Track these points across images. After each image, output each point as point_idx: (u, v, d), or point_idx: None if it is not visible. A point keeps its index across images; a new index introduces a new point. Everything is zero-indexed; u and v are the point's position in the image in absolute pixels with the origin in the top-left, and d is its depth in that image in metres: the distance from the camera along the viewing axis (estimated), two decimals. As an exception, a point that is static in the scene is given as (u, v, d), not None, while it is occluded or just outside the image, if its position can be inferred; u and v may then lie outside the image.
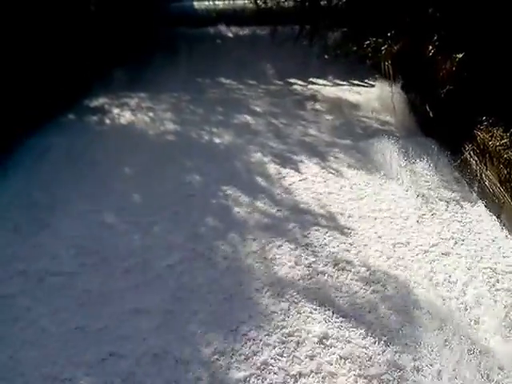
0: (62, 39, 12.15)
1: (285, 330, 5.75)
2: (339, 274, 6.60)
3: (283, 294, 6.28)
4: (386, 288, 6.33)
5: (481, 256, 6.85)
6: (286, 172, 9.22)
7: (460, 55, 8.70)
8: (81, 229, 7.64)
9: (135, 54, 15.13)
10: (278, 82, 13.87)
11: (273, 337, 5.67)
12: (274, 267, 6.74)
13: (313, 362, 5.38)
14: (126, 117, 12.04)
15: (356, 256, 6.92)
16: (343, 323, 5.82)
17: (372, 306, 6.06)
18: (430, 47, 9.26)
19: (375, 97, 11.95)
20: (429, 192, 8.37)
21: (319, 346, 5.55)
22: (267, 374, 5.28)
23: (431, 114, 9.67)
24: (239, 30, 15.97)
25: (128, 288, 6.43)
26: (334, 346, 5.54)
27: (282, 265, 6.79)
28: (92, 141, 10.52)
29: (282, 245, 7.15)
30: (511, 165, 7.14)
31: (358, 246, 7.13)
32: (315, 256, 6.92)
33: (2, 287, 6.55)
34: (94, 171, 9.24)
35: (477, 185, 8.21)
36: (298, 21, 12.70)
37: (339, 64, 12.20)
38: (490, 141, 7.77)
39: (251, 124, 11.33)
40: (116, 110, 12.37)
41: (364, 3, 10.58)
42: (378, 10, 10.02)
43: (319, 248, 7.09)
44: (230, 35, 15.96)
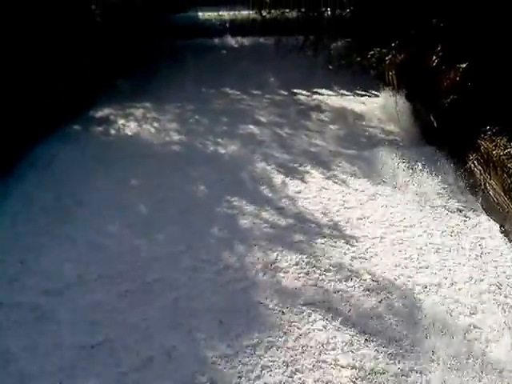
0: (67, 50, 12.25)
1: (289, 338, 5.77)
2: (344, 283, 6.60)
3: (288, 303, 6.28)
4: (391, 297, 6.32)
5: (485, 267, 6.85)
6: (290, 181, 9.24)
7: (463, 65, 8.76)
8: (85, 238, 7.65)
9: (140, 64, 15.27)
10: (283, 92, 13.94)
11: (276, 346, 5.68)
12: (278, 276, 6.75)
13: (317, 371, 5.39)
14: (131, 127, 12.10)
15: (361, 265, 6.92)
16: (348, 331, 5.83)
17: (377, 314, 6.06)
18: (434, 57, 9.32)
19: (379, 106, 12.03)
20: (433, 201, 8.38)
21: (323, 354, 5.55)
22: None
23: (435, 124, 9.72)
24: (244, 40, 16.10)
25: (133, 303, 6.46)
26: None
27: (286, 274, 6.80)
28: (97, 151, 10.57)
29: (287, 254, 7.16)
30: (515, 174, 7.15)
31: (362, 255, 7.14)
32: (320, 265, 6.92)
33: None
34: (99, 182, 9.25)
35: (481, 194, 8.22)
36: (303, 31, 12.79)
37: (343, 74, 12.22)
38: (494, 150, 7.80)
39: (256, 134, 11.37)
40: (121, 121, 12.43)
41: (368, 14, 10.65)
42: (381, 20, 10.10)
43: (324, 257, 7.09)
44: (235, 45, 16.09)
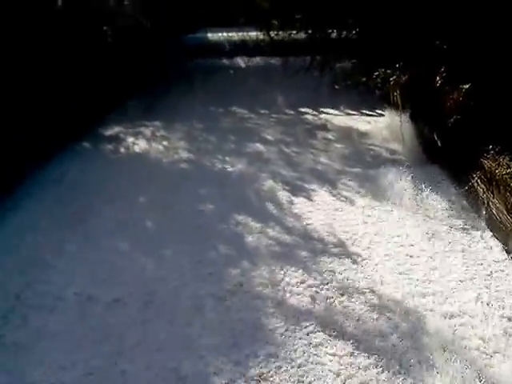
0: (79, 68, 12.53)
1: (294, 355, 5.83)
2: (348, 300, 6.67)
3: (293, 320, 6.36)
4: (394, 316, 6.36)
5: (488, 285, 6.88)
6: (296, 199, 9.38)
7: (466, 86, 8.89)
8: (94, 256, 7.79)
9: (150, 83, 15.56)
10: (290, 112, 14.16)
11: (282, 362, 5.75)
12: (283, 294, 6.84)
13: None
14: (141, 145, 12.34)
15: (365, 283, 6.99)
16: (352, 349, 5.87)
17: (380, 333, 6.10)
18: (438, 78, 9.46)
19: (384, 126, 12.17)
20: (437, 219, 8.44)
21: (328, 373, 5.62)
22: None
23: (439, 143, 9.82)
24: (252, 60, 16.37)
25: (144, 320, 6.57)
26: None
27: (291, 291, 6.88)
28: (106, 169, 10.81)
29: (293, 272, 7.25)
30: (518, 193, 7.23)
31: (367, 273, 7.21)
32: (325, 283, 7.01)
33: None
34: (107, 199, 9.43)
35: (484, 212, 8.26)
36: (309, 52, 13.00)
37: (349, 94, 12.41)
38: (497, 169, 7.88)
39: (263, 152, 11.55)
40: (131, 139, 12.68)
41: (373, 36, 10.85)
42: (386, 42, 10.29)
43: (329, 275, 7.18)
44: (243, 65, 16.37)
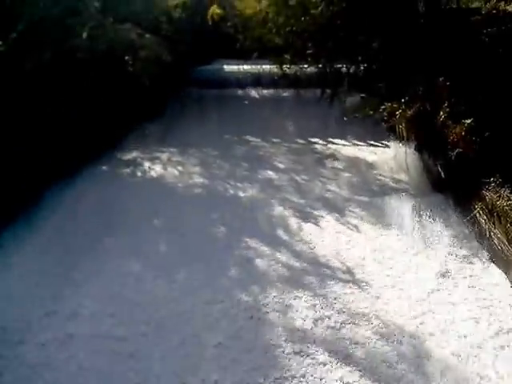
0: (97, 95, 12.83)
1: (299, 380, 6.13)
2: (355, 326, 6.94)
3: (301, 344, 6.65)
4: (399, 343, 6.62)
5: (492, 316, 7.09)
6: (306, 226, 9.69)
7: (469, 121, 9.25)
8: (109, 278, 8.13)
9: (167, 111, 15.99)
10: (300, 141, 14.48)
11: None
12: (292, 318, 7.13)
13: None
14: (157, 170, 12.72)
15: (371, 309, 7.25)
16: (358, 375, 6.15)
17: (387, 359, 6.36)
18: (441, 113, 9.82)
19: (390, 157, 12.44)
20: (441, 248, 8.69)
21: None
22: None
23: (443, 174, 10.10)
24: (265, 91, 16.70)
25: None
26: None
27: (300, 316, 7.17)
28: (123, 192, 11.12)
29: (301, 296, 7.56)
30: (518, 224, 7.49)
31: (373, 300, 7.49)
32: (332, 308, 7.30)
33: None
34: (124, 221, 9.76)
35: (486, 242, 8.51)
36: (320, 85, 13.42)
37: (357, 125, 12.66)
38: (498, 201, 8.16)
39: (274, 179, 11.87)
40: (147, 163, 13.06)
41: (380, 72, 11.25)
42: (392, 78, 10.70)
43: (336, 300, 7.47)
44: (256, 96, 16.66)
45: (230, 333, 6.92)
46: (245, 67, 17.04)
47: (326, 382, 6.13)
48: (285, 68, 13.80)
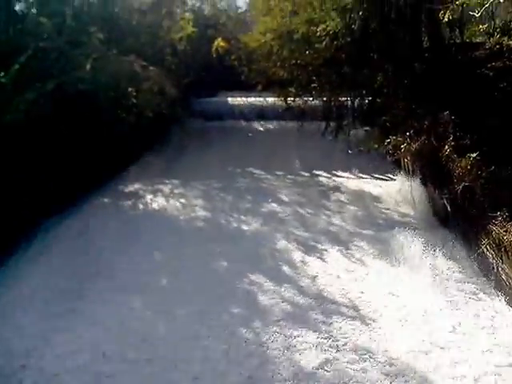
0: (99, 127, 12.89)
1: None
2: (360, 364, 6.70)
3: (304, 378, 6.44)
4: (407, 381, 6.40)
5: (501, 351, 6.85)
6: (310, 260, 9.53)
7: (474, 155, 9.22)
8: (109, 314, 7.87)
9: (171, 143, 16.06)
10: (304, 174, 14.51)
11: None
12: (296, 356, 6.89)
13: None
14: (159, 202, 12.66)
15: (377, 347, 7.03)
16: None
17: None
18: (447, 146, 9.81)
19: (396, 190, 12.40)
20: (448, 284, 8.51)
21: None
22: None
23: (448, 208, 10.03)
24: (269, 124, 16.82)
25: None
26: None
27: (304, 354, 6.93)
28: (123, 225, 11.02)
29: (305, 333, 7.34)
30: (525, 260, 7.37)
31: (379, 337, 7.27)
32: (337, 346, 7.07)
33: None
34: (123, 256, 9.60)
35: (494, 278, 8.35)
36: (324, 118, 13.49)
37: (362, 158, 12.70)
38: (505, 236, 8.02)
39: (278, 212, 11.79)
40: (149, 196, 13.02)
41: (384, 106, 11.31)
42: (397, 112, 10.73)
43: (341, 338, 7.24)
44: (261, 128, 16.79)
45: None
46: (249, 99, 17.25)
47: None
48: (289, 101, 13.88)
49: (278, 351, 7.01)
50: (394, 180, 13.08)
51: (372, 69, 12.24)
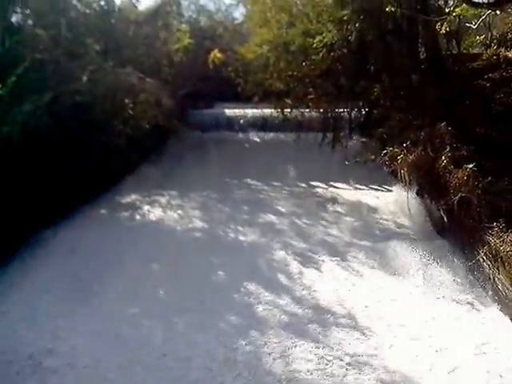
0: (96, 142, 12.91)
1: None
2: (358, 375, 6.70)
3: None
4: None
5: (499, 364, 6.83)
6: (307, 271, 9.50)
7: (471, 165, 9.25)
8: (106, 324, 7.85)
9: (167, 154, 16.06)
10: (301, 185, 14.47)
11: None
12: (293, 367, 6.88)
13: None
14: (156, 213, 12.62)
15: (375, 357, 7.02)
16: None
17: None
18: (443, 157, 9.84)
19: (392, 201, 12.40)
20: (445, 294, 8.50)
21: None
22: None
23: (445, 219, 10.02)
24: (266, 135, 16.83)
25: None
26: None
27: (301, 365, 6.92)
28: (120, 236, 11.00)
29: (303, 344, 7.32)
30: (522, 270, 7.36)
31: (377, 348, 7.24)
32: (334, 356, 7.05)
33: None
34: (120, 268, 9.56)
35: (490, 288, 8.34)
36: (321, 129, 13.53)
37: (358, 169, 12.67)
38: (502, 246, 8.05)
39: (275, 223, 11.77)
40: (146, 207, 12.98)
41: (381, 118, 11.36)
42: (394, 123, 10.78)
43: (339, 348, 7.23)
44: (257, 140, 16.79)
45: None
46: (246, 111, 17.25)
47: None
48: (286, 112, 13.91)
49: (275, 362, 7.01)
50: (390, 191, 13.06)
51: (369, 80, 12.30)
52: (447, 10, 11.42)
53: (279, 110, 14.21)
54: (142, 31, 17.57)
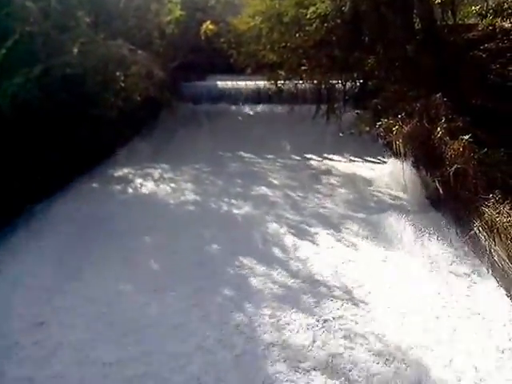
0: (86, 114, 12.70)
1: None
2: (351, 346, 6.74)
3: (296, 363, 6.45)
4: (397, 362, 6.41)
5: (492, 333, 6.92)
6: (301, 243, 9.48)
7: (467, 137, 9.19)
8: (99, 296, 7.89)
9: (160, 126, 15.90)
10: (295, 157, 14.40)
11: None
12: (287, 338, 6.92)
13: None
14: (148, 187, 12.57)
15: (368, 328, 7.06)
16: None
17: (384, 379, 6.15)
18: (439, 129, 9.76)
19: (387, 173, 12.29)
20: (441, 266, 8.51)
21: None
22: None
23: (440, 191, 9.98)
24: (259, 107, 16.71)
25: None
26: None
27: (295, 336, 6.96)
28: (113, 209, 10.99)
29: (297, 316, 7.35)
30: (518, 241, 7.35)
31: (370, 319, 7.28)
32: (328, 327, 7.10)
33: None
34: (112, 240, 9.57)
35: (486, 259, 8.36)
36: (315, 101, 13.38)
37: (353, 141, 12.58)
38: (498, 217, 8.03)
39: (269, 196, 11.72)
40: (139, 180, 12.91)
41: (375, 89, 11.23)
42: (388, 95, 10.66)
43: (333, 319, 7.26)
44: (251, 112, 16.65)
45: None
46: (238, 83, 17.05)
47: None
48: (279, 84, 13.72)
49: (269, 332, 7.06)
50: (385, 163, 12.98)
51: (363, 51, 12.12)
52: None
53: (273, 82, 14.00)
54: (133, 3, 17.14)
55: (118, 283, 8.24)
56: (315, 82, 13.00)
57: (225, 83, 17.52)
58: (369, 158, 13.86)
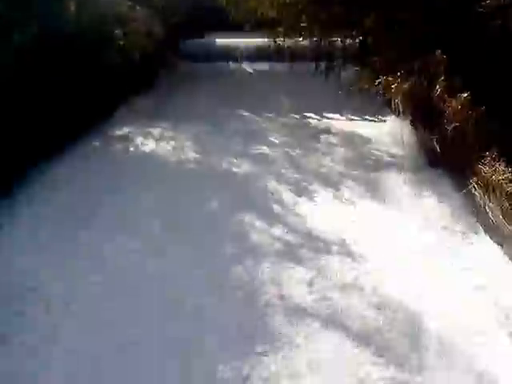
0: (85, 73, 12.54)
1: (295, 350, 6.04)
2: (350, 298, 6.90)
3: (295, 316, 6.60)
4: (395, 315, 6.56)
5: (488, 289, 6.99)
6: (300, 200, 9.64)
7: (465, 94, 9.20)
8: (94, 256, 7.92)
9: (158, 86, 15.80)
10: (294, 116, 14.37)
11: (279, 356, 5.96)
12: (285, 290, 7.10)
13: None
14: (150, 145, 12.60)
15: (367, 282, 7.22)
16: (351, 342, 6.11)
17: (381, 330, 6.31)
18: (438, 86, 9.75)
19: (386, 131, 12.38)
20: (437, 223, 8.67)
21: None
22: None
23: (438, 149, 10.04)
24: (258, 65, 16.59)
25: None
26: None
27: (293, 287, 7.15)
28: (114, 168, 11.05)
29: (295, 269, 7.53)
30: (512, 198, 7.50)
31: (368, 273, 7.44)
32: (326, 280, 7.27)
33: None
34: (113, 198, 9.65)
35: (481, 216, 8.53)
36: (314, 58, 13.27)
37: (352, 100, 12.46)
38: (493, 175, 8.17)
39: (268, 154, 11.79)
40: (139, 139, 12.91)
41: (375, 47, 11.12)
42: (388, 52, 10.57)
43: (331, 273, 7.44)
44: (250, 70, 16.54)
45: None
46: (237, 40, 16.86)
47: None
48: (278, 41, 13.56)
49: (268, 284, 7.24)
50: (384, 121, 13.05)
51: (362, 8, 11.92)
52: None
53: (271, 39, 13.84)
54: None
55: (119, 239, 8.36)
56: (315, 39, 12.83)
57: (224, 41, 17.35)
58: (367, 117, 13.86)
